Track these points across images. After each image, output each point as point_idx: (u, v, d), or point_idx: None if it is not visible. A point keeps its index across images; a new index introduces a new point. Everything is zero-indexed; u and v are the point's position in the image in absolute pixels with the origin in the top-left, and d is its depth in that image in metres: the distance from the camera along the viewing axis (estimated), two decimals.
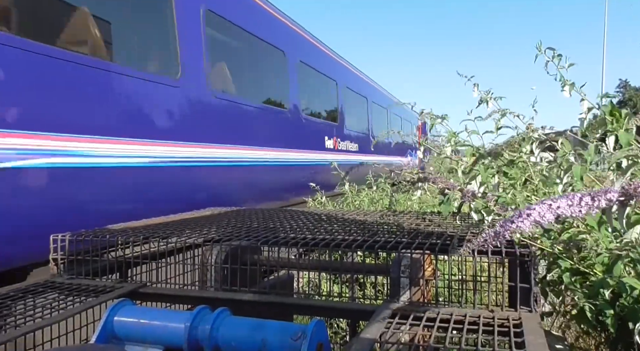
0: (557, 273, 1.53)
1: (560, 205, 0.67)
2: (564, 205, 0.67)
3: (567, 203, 0.67)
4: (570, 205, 0.67)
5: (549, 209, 0.67)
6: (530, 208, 0.68)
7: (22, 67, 2.57)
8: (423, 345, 0.99)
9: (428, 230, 1.66)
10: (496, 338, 0.98)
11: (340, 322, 3.03)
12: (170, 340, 1.21)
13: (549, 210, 0.67)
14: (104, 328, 1.22)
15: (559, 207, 0.67)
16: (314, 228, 1.77)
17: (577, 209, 0.66)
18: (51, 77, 2.74)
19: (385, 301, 1.28)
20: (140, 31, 3.86)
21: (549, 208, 0.67)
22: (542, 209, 0.68)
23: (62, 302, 1.34)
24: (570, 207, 0.67)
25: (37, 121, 2.64)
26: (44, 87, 2.70)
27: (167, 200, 3.69)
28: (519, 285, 1.17)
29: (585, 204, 0.66)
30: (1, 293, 1.39)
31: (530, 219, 0.68)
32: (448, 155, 1.83)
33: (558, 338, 1.43)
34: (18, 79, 2.55)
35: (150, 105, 3.57)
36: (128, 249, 1.61)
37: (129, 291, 1.44)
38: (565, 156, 1.48)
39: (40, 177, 2.65)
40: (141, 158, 3.41)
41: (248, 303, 1.41)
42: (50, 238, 1.62)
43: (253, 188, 5.22)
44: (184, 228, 1.83)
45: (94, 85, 3.05)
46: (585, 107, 1.49)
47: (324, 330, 1.11)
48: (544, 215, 0.67)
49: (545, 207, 0.68)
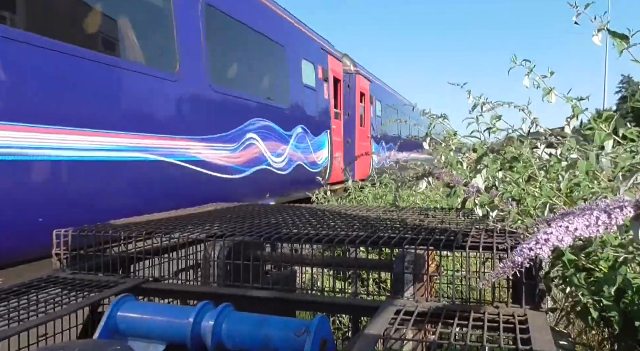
0: (561, 269, 1.53)
1: (578, 227, 0.65)
2: (581, 226, 0.65)
3: (584, 224, 0.65)
4: (587, 225, 0.65)
5: (566, 232, 0.66)
6: (547, 232, 0.67)
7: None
8: (427, 340, 0.98)
9: (432, 226, 1.65)
10: (502, 334, 0.98)
11: (342, 318, 3.03)
12: (173, 336, 1.21)
13: (567, 233, 0.66)
14: (106, 323, 1.22)
15: (577, 229, 0.65)
16: (317, 224, 1.77)
17: (594, 229, 0.65)
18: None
19: (389, 298, 1.27)
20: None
21: (567, 231, 0.66)
22: (559, 232, 0.66)
23: (65, 297, 1.34)
24: (587, 228, 0.65)
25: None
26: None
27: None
28: (524, 281, 1.16)
29: (602, 223, 0.65)
30: (5, 288, 1.39)
31: (548, 244, 0.66)
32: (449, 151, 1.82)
33: (562, 334, 1.43)
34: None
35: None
36: (131, 244, 1.61)
37: (132, 287, 1.44)
38: (570, 152, 1.47)
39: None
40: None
41: (251, 298, 1.41)
42: (53, 233, 1.62)
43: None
44: (187, 223, 1.83)
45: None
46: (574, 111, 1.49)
47: (327, 326, 1.11)
48: (562, 238, 0.66)
49: (562, 229, 0.66)
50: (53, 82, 2.83)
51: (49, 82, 2.81)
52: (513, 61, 1.62)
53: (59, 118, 2.83)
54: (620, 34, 1.26)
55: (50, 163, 2.79)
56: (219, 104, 4.58)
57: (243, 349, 1.16)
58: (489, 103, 1.75)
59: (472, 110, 1.78)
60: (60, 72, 2.86)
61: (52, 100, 2.82)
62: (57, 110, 2.84)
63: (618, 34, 1.26)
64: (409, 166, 3.20)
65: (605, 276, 1.34)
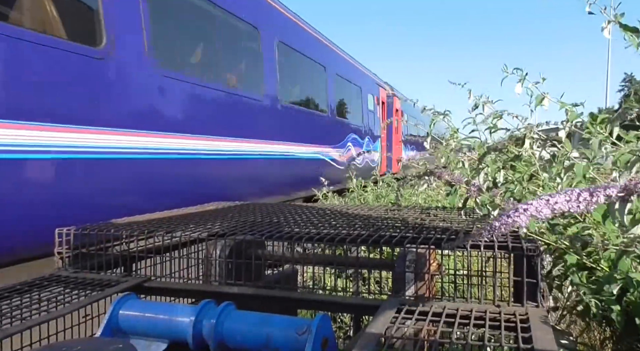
0: (562, 268, 1.52)
1: (558, 201, 0.67)
2: (561, 201, 0.67)
3: (565, 199, 0.67)
4: (568, 200, 0.66)
5: (546, 204, 0.67)
6: (528, 203, 0.69)
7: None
8: (429, 340, 0.98)
9: (433, 224, 1.65)
10: (503, 333, 0.98)
11: (343, 317, 3.04)
12: (175, 334, 1.21)
13: (547, 206, 0.67)
14: (109, 322, 1.22)
15: (557, 203, 0.67)
16: (319, 223, 1.77)
17: (575, 204, 0.66)
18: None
19: (390, 297, 1.28)
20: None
21: (547, 204, 0.67)
22: (539, 204, 0.68)
23: (68, 296, 1.34)
24: (568, 203, 0.66)
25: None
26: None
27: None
28: (526, 280, 1.16)
29: (583, 200, 0.66)
30: (7, 286, 1.39)
31: (527, 214, 0.68)
32: (449, 151, 1.82)
33: (564, 333, 1.43)
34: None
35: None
36: (132, 243, 1.61)
37: (134, 285, 1.44)
38: (567, 154, 1.46)
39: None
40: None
41: (252, 297, 1.41)
42: (55, 232, 1.63)
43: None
44: (189, 222, 1.83)
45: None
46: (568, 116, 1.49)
47: (329, 325, 1.11)
48: (541, 210, 0.67)
49: (542, 202, 0.67)
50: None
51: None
52: (504, 71, 1.63)
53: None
54: (631, 27, 1.23)
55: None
56: (338, 127, 8.73)
57: (244, 348, 1.16)
58: (490, 102, 1.75)
59: (472, 109, 1.78)
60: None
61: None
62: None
63: (629, 28, 1.24)
64: (410, 165, 3.20)
65: (607, 275, 1.34)
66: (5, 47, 2.38)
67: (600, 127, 1.35)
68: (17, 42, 2.44)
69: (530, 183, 1.69)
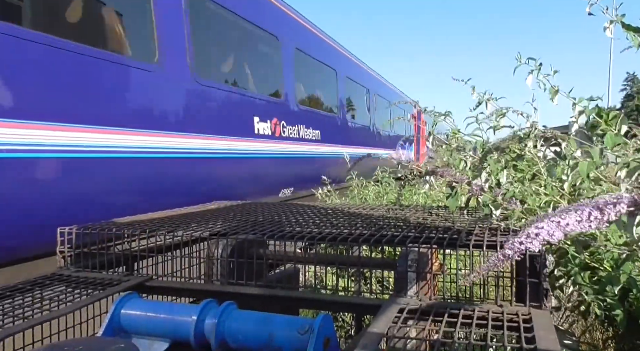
0: (564, 268, 1.52)
1: (570, 222, 0.66)
2: (573, 222, 0.66)
3: (576, 219, 0.66)
4: (579, 221, 0.65)
5: (557, 227, 0.66)
6: (539, 227, 0.67)
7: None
8: (431, 339, 0.98)
9: (435, 224, 1.65)
10: (505, 333, 0.97)
11: (345, 316, 3.04)
12: (177, 333, 1.21)
13: (558, 228, 0.66)
14: (111, 321, 1.22)
15: (568, 224, 0.66)
16: (320, 222, 1.76)
17: (586, 224, 0.65)
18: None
19: (392, 296, 1.27)
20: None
21: (558, 226, 0.66)
22: (550, 227, 0.66)
23: (70, 295, 1.34)
24: (579, 223, 0.66)
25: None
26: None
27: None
28: (528, 280, 1.15)
29: (594, 218, 0.65)
30: (10, 285, 1.40)
31: (539, 239, 0.67)
32: (451, 149, 1.82)
33: (566, 333, 1.42)
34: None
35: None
36: (134, 242, 1.61)
37: (136, 284, 1.45)
38: (571, 154, 1.46)
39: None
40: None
41: (254, 296, 1.41)
42: (58, 231, 1.63)
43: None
44: (190, 221, 1.83)
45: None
46: (577, 110, 1.47)
47: (331, 325, 1.11)
48: (553, 233, 0.66)
49: (553, 225, 0.66)
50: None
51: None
52: (518, 60, 1.61)
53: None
54: (634, 27, 1.22)
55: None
56: (395, 138, 11.31)
57: (246, 347, 1.16)
58: (493, 99, 1.74)
59: (475, 107, 1.77)
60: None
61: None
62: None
63: (632, 27, 1.23)
64: (411, 165, 3.21)
65: (609, 275, 1.34)
66: (97, 66, 3.11)
67: (610, 124, 1.33)
68: (102, 62, 3.16)
69: (533, 182, 1.69)
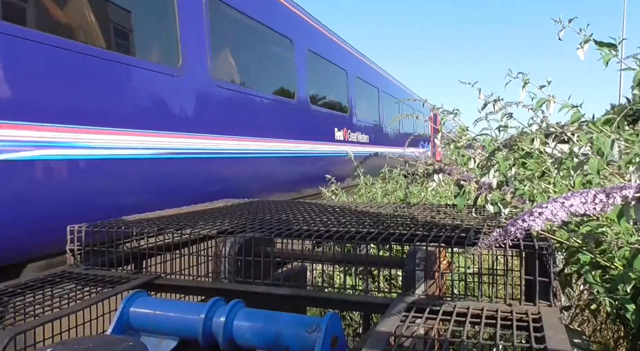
0: (575, 266, 1.50)
1: (574, 203, 0.65)
2: (577, 203, 0.65)
3: (580, 201, 0.65)
4: (583, 202, 0.64)
5: (561, 207, 0.65)
6: (542, 206, 0.66)
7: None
8: (439, 339, 0.97)
9: (443, 222, 1.64)
10: (515, 332, 0.96)
11: (353, 315, 3.03)
12: (185, 332, 1.21)
13: (562, 208, 0.65)
14: (120, 319, 1.23)
15: (572, 205, 0.65)
16: (327, 221, 1.76)
17: (591, 207, 0.64)
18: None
19: (400, 295, 1.27)
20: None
21: (562, 206, 0.65)
22: (554, 207, 0.65)
23: (79, 292, 1.36)
24: (584, 205, 0.64)
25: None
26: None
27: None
28: (538, 278, 1.14)
29: (599, 201, 0.64)
30: (20, 283, 1.41)
31: (542, 217, 0.66)
32: (460, 146, 1.81)
33: (577, 333, 1.41)
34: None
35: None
36: (143, 240, 1.62)
37: (144, 282, 1.45)
38: (581, 149, 1.44)
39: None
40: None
41: (261, 295, 1.41)
42: (67, 229, 1.64)
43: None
44: (198, 219, 1.84)
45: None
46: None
47: (338, 323, 1.10)
48: (557, 213, 0.65)
49: (557, 205, 0.65)
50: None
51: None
52: (509, 75, 1.63)
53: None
54: (607, 43, 1.27)
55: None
56: (419, 140, 13.20)
57: (254, 345, 1.16)
58: (500, 101, 1.73)
59: (482, 107, 1.76)
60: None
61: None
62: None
63: (605, 44, 1.27)
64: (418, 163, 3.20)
65: (621, 274, 1.32)
66: (130, 73, 3.36)
67: (605, 128, 1.34)
68: (135, 69, 3.41)
69: (542, 180, 1.67)
